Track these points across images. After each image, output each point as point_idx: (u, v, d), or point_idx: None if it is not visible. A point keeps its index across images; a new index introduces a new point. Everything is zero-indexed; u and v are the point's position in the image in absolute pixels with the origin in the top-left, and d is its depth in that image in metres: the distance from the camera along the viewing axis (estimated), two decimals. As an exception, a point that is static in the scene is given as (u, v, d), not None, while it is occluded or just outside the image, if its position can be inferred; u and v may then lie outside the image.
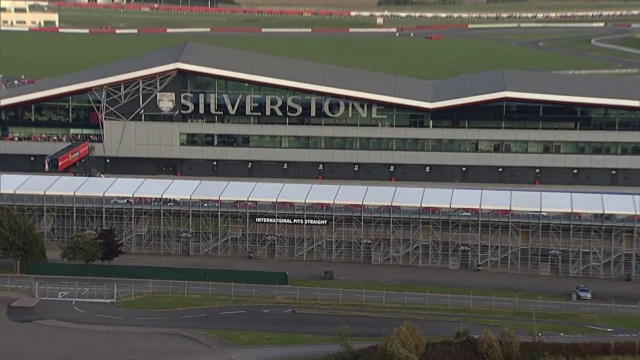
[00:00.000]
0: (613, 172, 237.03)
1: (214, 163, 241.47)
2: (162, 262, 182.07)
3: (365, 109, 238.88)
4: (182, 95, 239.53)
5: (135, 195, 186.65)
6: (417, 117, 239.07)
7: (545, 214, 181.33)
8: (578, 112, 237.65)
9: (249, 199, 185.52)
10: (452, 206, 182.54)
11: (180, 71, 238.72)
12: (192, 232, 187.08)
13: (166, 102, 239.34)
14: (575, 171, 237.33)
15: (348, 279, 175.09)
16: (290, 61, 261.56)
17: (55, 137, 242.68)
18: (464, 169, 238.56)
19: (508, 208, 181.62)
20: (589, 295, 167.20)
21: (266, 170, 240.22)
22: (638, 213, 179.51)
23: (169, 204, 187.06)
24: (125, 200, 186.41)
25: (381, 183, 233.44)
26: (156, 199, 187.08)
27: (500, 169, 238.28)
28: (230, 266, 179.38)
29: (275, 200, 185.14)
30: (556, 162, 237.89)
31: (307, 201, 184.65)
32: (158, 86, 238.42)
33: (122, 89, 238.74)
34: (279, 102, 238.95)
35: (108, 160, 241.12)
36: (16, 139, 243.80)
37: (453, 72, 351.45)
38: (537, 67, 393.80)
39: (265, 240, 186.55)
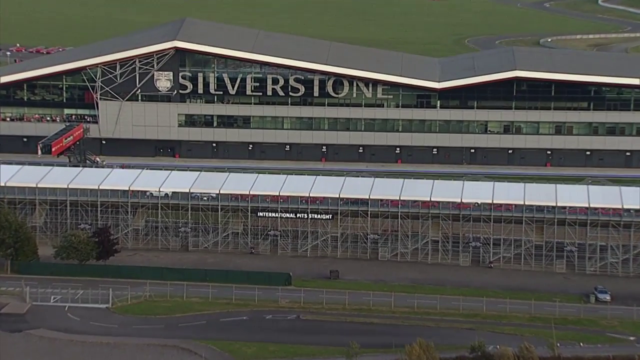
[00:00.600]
0: (627, 154, 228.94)
1: (214, 145, 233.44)
2: (160, 259, 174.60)
3: (370, 88, 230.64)
4: (180, 74, 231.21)
5: (131, 188, 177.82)
6: (424, 97, 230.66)
7: (560, 207, 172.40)
8: (591, 91, 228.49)
9: (251, 192, 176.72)
10: (463, 200, 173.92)
11: (178, 49, 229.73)
12: (191, 226, 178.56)
13: (164, 81, 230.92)
14: (588, 153, 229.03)
15: (354, 279, 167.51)
16: (293, 38, 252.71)
17: (48, 118, 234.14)
18: (472, 150, 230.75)
19: (522, 202, 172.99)
20: (608, 297, 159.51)
21: (267, 152, 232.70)
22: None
23: (167, 196, 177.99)
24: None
25: (387, 165, 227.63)
26: (153, 191, 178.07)
27: (510, 151, 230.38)
28: (231, 263, 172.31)
29: (278, 193, 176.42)
30: (568, 144, 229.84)
31: (311, 194, 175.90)
32: (155, 65, 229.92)
33: (117, 68, 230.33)
34: (281, 82, 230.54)
35: (104, 142, 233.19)
36: (8, 119, 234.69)
37: (457, 37, 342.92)
38: (543, 31, 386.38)
39: (268, 235, 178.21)
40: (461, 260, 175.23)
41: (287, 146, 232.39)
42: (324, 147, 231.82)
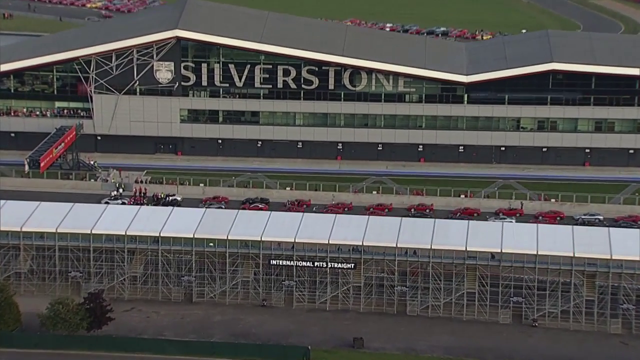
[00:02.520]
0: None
1: (219, 142, 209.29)
2: (161, 317, 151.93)
3: (391, 81, 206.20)
4: (182, 64, 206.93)
5: (128, 233, 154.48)
6: (450, 90, 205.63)
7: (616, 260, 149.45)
8: (636, 84, 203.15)
9: (263, 238, 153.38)
10: (502, 250, 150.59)
11: (179, 39, 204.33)
12: (195, 274, 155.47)
13: (164, 72, 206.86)
14: (631, 152, 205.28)
15: (381, 347, 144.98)
16: (305, 21, 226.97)
17: (38, 112, 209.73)
18: (502, 149, 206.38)
19: (571, 254, 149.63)
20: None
21: (278, 150, 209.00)
22: None
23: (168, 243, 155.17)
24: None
25: (408, 165, 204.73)
26: (153, 237, 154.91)
27: (544, 149, 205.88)
28: (241, 324, 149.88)
29: (293, 239, 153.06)
30: (610, 142, 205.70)
31: (331, 241, 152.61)
32: (155, 56, 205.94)
33: (113, 58, 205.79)
34: (293, 73, 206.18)
35: (99, 138, 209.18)
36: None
37: None
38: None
39: (282, 285, 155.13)
40: (501, 317, 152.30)
41: (300, 144, 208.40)
42: (340, 145, 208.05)
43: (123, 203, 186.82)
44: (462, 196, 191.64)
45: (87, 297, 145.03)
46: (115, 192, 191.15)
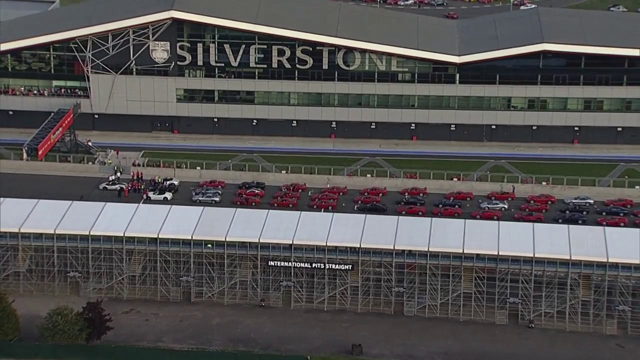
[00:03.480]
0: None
1: (215, 120, 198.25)
2: (160, 319, 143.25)
3: (384, 61, 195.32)
4: (178, 44, 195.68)
5: (126, 234, 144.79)
6: (442, 70, 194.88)
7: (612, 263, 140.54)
8: (625, 64, 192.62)
9: (261, 240, 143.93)
10: (500, 252, 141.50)
11: (175, 19, 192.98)
12: (194, 275, 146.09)
13: (160, 52, 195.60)
14: (619, 130, 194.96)
15: (380, 354, 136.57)
16: (299, 0, 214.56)
17: (36, 91, 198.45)
18: (493, 127, 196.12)
19: (568, 257, 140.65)
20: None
21: (273, 128, 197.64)
22: None
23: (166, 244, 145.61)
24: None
25: (401, 143, 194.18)
26: (151, 238, 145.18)
27: (534, 128, 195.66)
28: (240, 326, 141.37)
29: (291, 241, 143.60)
30: (598, 121, 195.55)
31: (328, 243, 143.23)
32: (151, 36, 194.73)
33: (110, 39, 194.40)
34: (287, 53, 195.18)
35: (96, 117, 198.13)
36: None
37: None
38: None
39: (280, 285, 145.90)
40: (497, 317, 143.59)
41: (294, 122, 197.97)
42: (334, 124, 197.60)
43: (121, 188, 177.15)
44: (455, 179, 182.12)
45: (85, 306, 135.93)
46: (112, 177, 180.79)
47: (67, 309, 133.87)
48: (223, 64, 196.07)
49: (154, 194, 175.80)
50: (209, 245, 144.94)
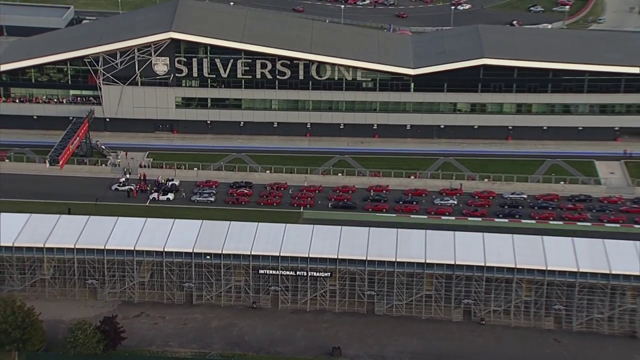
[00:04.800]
0: (580, 128, 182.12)
1: (208, 123, 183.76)
2: (166, 322, 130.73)
3: (351, 72, 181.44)
4: (176, 59, 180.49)
5: (136, 248, 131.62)
6: (399, 79, 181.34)
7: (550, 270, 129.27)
8: (550, 74, 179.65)
9: (252, 253, 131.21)
10: (456, 262, 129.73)
11: (173, 39, 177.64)
12: (195, 282, 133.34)
13: (161, 66, 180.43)
14: (545, 128, 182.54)
15: (356, 355, 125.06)
16: (278, 18, 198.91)
17: (55, 100, 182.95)
18: (442, 126, 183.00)
19: (513, 265, 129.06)
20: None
21: (257, 129, 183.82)
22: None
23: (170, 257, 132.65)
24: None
25: (365, 141, 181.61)
26: (158, 251, 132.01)
27: (475, 127, 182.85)
28: (236, 328, 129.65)
29: (279, 253, 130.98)
30: (528, 122, 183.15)
31: (310, 255, 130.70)
32: (153, 53, 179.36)
33: (118, 56, 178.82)
34: (269, 66, 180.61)
35: (107, 120, 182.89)
36: (17, 100, 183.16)
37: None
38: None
39: (269, 290, 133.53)
40: (453, 315, 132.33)
41: (275, 124, 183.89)
42: (309, 125, 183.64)
43: (130, 189, 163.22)
44: (412, 177, 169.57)
45: (102, 320, 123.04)
46: (122, 179, 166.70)
47: (86, 323, 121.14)
48: (214, 76, 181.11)
49: (158, 194, 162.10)
50: (208, 257, 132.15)
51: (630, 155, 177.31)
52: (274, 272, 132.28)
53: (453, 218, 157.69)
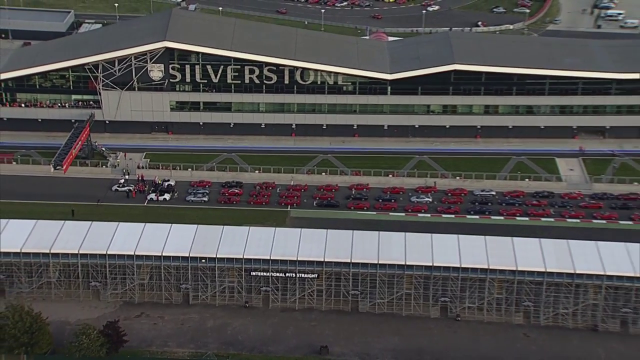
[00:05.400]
0: (542, 127, 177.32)
1: (201, 124, 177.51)
2: (165, 322, 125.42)
3: (332, 77, 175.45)
4: (170, 66, 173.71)
5: (136, 253, 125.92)
6: (377, 84, 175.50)
7: (520, 271, 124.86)
8: (514, 78, 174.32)
9: (245, 256, 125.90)
10: (434, 264, 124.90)
11: (167, 48, 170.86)
12: (191, 283, 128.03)
13: (156, 72, 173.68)
14: (510, 127, 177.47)
15: (342, 353, 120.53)
16: (265, 28, 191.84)
17: (58, 104, 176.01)
18: (416, 126, 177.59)
19: (486, 266, 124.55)
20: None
21: (246, 129, 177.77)
22: (607, 273, 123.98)
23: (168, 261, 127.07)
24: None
25: (346, 140, 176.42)
26: (156, 256, 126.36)
27: (447, 127, 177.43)
28: (229, 328, 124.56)
29: (269, 257, 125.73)
30: (495, 121, 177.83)
31: (299, 258, 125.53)
32: (148, 60, 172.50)
33: (116, 63, 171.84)
34: (257, 72, 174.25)
35: (107, 122, 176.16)
36: (23, 105, 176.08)
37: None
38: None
39: (260, 290, 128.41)
40: (431, 312, 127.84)
41: (263, 125, 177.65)
42: (294, 125, 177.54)
43: (129, 190, 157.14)
44: (390, 176, 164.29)
45: (106, 325, 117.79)
46: (122, 180, 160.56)
47: (90, 327, 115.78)
48: (206, 81, 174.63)
49: (155, 195, 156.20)
50: (203, 261, 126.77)
51: (584, 152, 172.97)
52: (265, 273, 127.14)
53: (429, 215, 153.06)
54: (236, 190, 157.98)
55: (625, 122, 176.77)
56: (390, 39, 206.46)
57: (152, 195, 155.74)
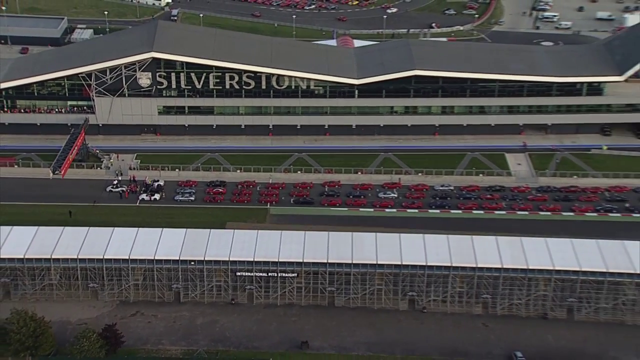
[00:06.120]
0: (492, 125, 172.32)
1: (186, 126, 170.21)
2: (158, 320, 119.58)
3: (305, 82, 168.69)
4: (157, 74, 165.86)
5: (130, 257, 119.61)
6: (345, 87, 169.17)
7: (479, 267, 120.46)
8: (468, 82, 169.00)
9: (230, 258, 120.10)
10: (402, 262, 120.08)
11: (154, 58, 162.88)
12: (182, 283, 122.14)
13: (145, 80, 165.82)
14: (464, 125, 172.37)
15: (321, 347, 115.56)
16: (243, 37, 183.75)
17: (55, 109, 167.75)
18: (381, 125, 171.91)
19: (449, 264, 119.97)
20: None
21: (227, 130, 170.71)
22: (555, 268, 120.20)
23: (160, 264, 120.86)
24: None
25: (319, 139, 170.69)
26: (149, 260, 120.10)
27: (409, 125, 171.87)
28: (218, 325, 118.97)
29: (253, 259, 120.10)
30: (451, 120, 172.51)
31: (280, 259, 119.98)
32: (137, 69, 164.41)
33: (108, 72, 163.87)
34: (236, 78, 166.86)
35: (100, 126, 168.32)
36: (22, 111, 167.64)
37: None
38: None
39: (245, 288, 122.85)
40: (400, 305, 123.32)
41: (243, 126, 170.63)
42: (271, 126, 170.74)
43: (122, 191, 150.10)
44: (359, 173, 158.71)
45: (104, 328, 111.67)
46: (116, 181, 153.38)
47: (90, 331, 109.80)
48: (190, 87, 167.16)
49: (146, 195, 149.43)
50: (192, 263, 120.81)
51: (526, 147, 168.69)
52: (249, 273, 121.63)
53: (395, 210, 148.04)
54: (220, 190, 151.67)
55: (564, 120, 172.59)
56: (356, 41, 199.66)
57: (144, 196, 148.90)
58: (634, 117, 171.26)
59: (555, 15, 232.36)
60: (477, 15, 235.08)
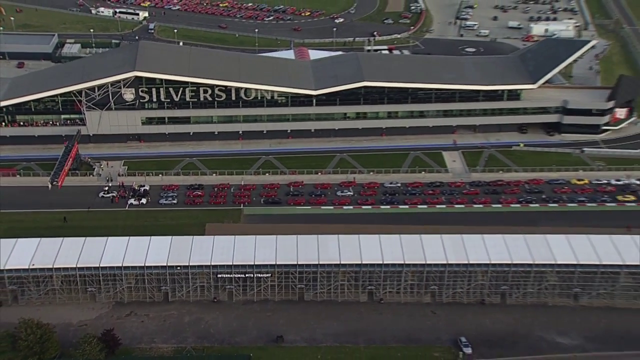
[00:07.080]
0: (430, 126, 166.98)
1: (166, 134, 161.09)
2: (150, 319, 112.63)
3: (270, 93, 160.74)
4: (140, 89, 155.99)
5: (124, 264, 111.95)
6: (305, 97, 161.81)
7: (428, 264, 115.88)
8: (409, 90, 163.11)
9: (212, 263, 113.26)
10: (362, 261, 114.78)
11: (137, 77, 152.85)
12: (169, 285, 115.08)
13: (129, 94, 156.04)
14: (407, 127, 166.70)
15: (294, 340, 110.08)
16: (214, 54, 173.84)
17: (50, 122, 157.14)
18: (336, 129, 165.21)
19: (402, 262, 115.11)
20: (470, 351, 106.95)
21: (203, 137, 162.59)
22: (491, 262, 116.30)
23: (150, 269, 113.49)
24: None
25: (282, 142, 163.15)
26: (140, 266, 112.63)
27: (360, 128, 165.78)
28: (202, 322, 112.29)
29: (232, 262, 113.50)
30: (395, 123, 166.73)
31: (255, 262, 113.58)
32: (122, 86, 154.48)
33: (96, 89, 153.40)
34: (209, 91, 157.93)
35: (91, 136, 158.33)
36: (21, 124, 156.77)
37: None
38: None
39: (225, 288, 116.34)
40: (360, 297, 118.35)
41: (216, 132, 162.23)
42: (241, 132, 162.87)
43: (113, 197, 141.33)
44: (319, 173, 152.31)
45: (103, 333, 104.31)
46: (106, 187, 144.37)
47: (91, 336, 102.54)
48: (169, 100, 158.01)
49: (134, 200, 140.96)
50: (178, 268, 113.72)
51: (456, 145, 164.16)
52: (229, 275, 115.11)
53: (352, 207, 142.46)
54: (199, 192, 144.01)
55: (489, 121, 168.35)
56: (311, 52, 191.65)
57: (132, 200, 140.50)
58: (545, 117, 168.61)
59: (475, 24, 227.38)
60: (412, 27, 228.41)
